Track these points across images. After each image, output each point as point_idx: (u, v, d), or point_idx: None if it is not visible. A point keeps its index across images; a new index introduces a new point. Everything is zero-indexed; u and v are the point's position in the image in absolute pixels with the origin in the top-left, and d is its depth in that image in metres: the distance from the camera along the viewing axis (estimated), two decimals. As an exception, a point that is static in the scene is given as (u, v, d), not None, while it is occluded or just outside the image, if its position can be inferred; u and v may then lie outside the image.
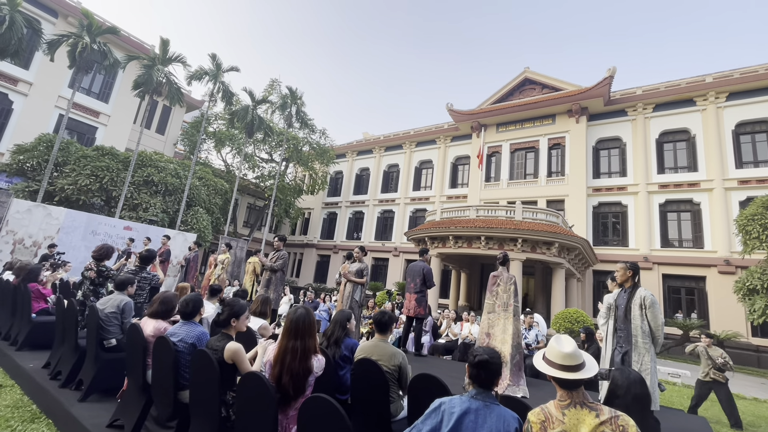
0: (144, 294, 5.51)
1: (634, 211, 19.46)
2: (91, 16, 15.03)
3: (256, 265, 8.88)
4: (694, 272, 17.43)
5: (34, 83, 18.43)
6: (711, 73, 19.17)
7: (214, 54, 19.18)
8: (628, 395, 2.10)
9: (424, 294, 6.52)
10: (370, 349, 3.10)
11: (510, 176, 23.27)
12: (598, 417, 1.63)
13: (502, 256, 5.32)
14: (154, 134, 25.52)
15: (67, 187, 14.98)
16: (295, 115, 24.71)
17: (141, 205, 16.70)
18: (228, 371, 2.56)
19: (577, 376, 1.71)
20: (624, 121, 20.92)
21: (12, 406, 3.74)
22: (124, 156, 17.16)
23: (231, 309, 2.87)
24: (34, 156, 15.32)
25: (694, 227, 18.14)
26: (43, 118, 18.60)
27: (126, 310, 4.04)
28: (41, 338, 5.22)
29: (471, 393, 1.87)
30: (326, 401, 1.87)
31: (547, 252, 14.22)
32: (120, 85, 21.39)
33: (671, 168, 19.46)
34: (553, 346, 1.81)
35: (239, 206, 30.52)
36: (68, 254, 10.50)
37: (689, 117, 19.31)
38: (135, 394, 3.21)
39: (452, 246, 15.46)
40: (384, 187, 30.03)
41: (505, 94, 24.73)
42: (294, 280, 30.34)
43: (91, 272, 5.07)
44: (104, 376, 3.74)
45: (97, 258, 5.23)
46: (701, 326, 15.40)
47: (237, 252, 17.28)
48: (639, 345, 4.10)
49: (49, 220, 11.12)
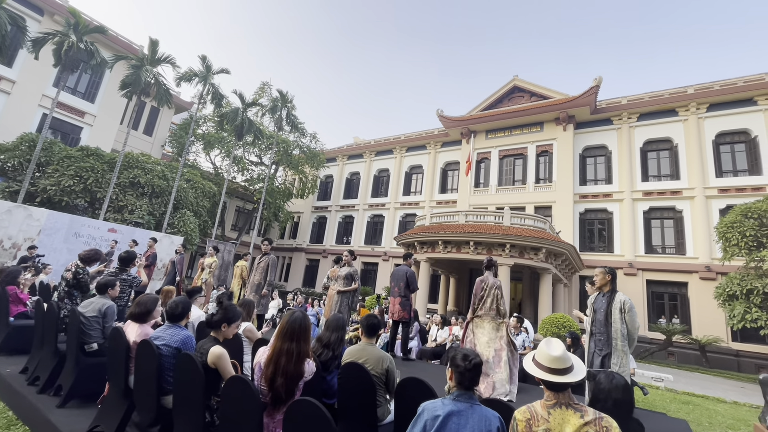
0: (125, 297, 5.38)
1: (619, 218, 19.84)
2: (78, 15, 14.80)
3: (244, 269, 8.77)
4: (676, 278, 17.82)
5: (17, 81, 18.00)
6: (692, 85, 19.76)
7: (204, 56, 19.04)
8: (608, 400, 2.13)
9: (408, 298, 6.52)
10: (358, 352, 3.09)
11: (499, 182, 23.53)
12: (583, 418, 1.67)
13: (487, 261, 5.37)
14: (142, 135, 25.12)
15: (50, 187, 14.62)
16: (286, 119, 24.61)
17: (127, 207, 16.39)
18: (212, 375, 2.52)
19: (565, 380, 1.75)
20: (610, 129, 21.38)
21: (-14, 413, 3.62)
22: (109, 157, 16.83)
23: (225, 314, 2.84)
24: (16, 156, 14.92)
25: (677, 234, 18.57)
26: (25, 117, 18.15)
27: (108, 314, 3.94)
28: (19, 342, 5.08)
29: (453, 395, 1.89)
30: (312, 405, 1.86)
31: (534, 257, 14.38)
32: (107, 85, 21.03)
33: (655, 176, 19.92)
34: (543, 349, 1.84)
35: (227, 209, 30.17)
36: (49, 256, 10.24)
37: (672, 127, 19.84)
38: (116, 399, 3.15)
39: (441, 251, 15.52)
40: (374, 191, 30.05)
41: (495, 101, 25.06)
42: (282, 285, 30.03)
43: (68, 273, 4.88)
44: (84, 381, 3.65)
45: (84, 260, 5.02)
46: (683, 331, 15.75)
47: (225, 255, 17.04)
48: (618, 348, 4.20)
49: (29, 222, 10.82)
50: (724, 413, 7.12)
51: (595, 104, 21.07)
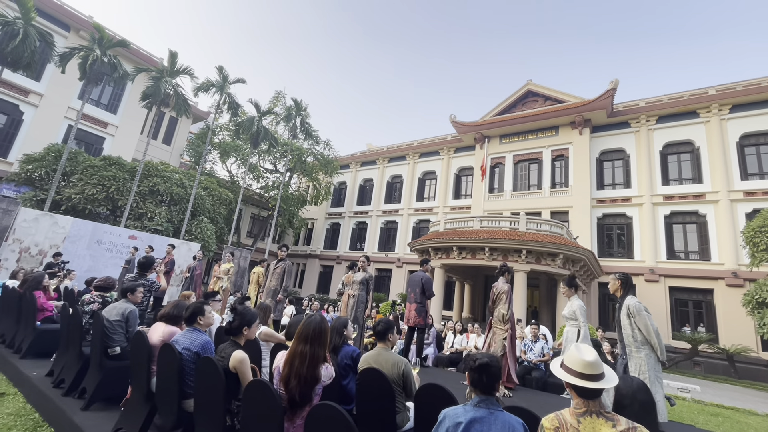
0: (145, 302, 5.49)
1: (639, 223, 19.34)
2: (102, 30, 15.38)
3: (260, 274, 8.87)
4: (701, 285, 17.21)
5: (45, 95, 18.77)
6: (714, 86, 19.24)
7: (221, 66, 19.50)
8: (635, 403, 2.05)
9: (424, 304, 6.48)
10: (373, 358, 3.07)
11: (514, 187, 23.26)
12: (615, 427, 1.61)
13: (500, 267, 5.33)
14: (161, 145, 25.82)
15: (74, 196, 15.12)
16: (300, 126, 24.96)
17: (146, 214, 16.81)
18: (233, 379, 2.54)
19: (598, 386, 1.70)
20: (627, 132, 20.95)
21: (14, 415, 3.72)
22: (130, 166, 17.34)
23: (243, 318, 2.89)
24: (43, 166, 15.52)
25: (701, 239, 17.98)
26: (52, 128, 18.88)
27: (131, 318, 4.03)
28: (45, 346, 5.22)
29: (474, 401, 1.85)
30: (334, 409, 1.85)
31: (551, 263, 14.11)
32: (128, 97, 21.74)
33: (676, 180, 19.39)
34: (575, 354, 1.79)
35: (243, 216, 30.62)
36: (73, 263, 10.57)
37: (693, 129, 19.31)
38: (139, 402, 3.19)
39: (456, 257, 15.38)
40: (387, 197, 30.08)
41: (508, 106, 24.90)
42: (297, 291, 30.21)
43: (95, 305, 4.58)
44: (108, 384, 3.72)
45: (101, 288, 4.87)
46: (709, 340, 15.15)
47: (240, 262, 17.27)
48: (633, 355, 4.14)
49: (55, 229, 11.21)
50: (757, 426, 6.79)
51: (611, 107, 20.71)
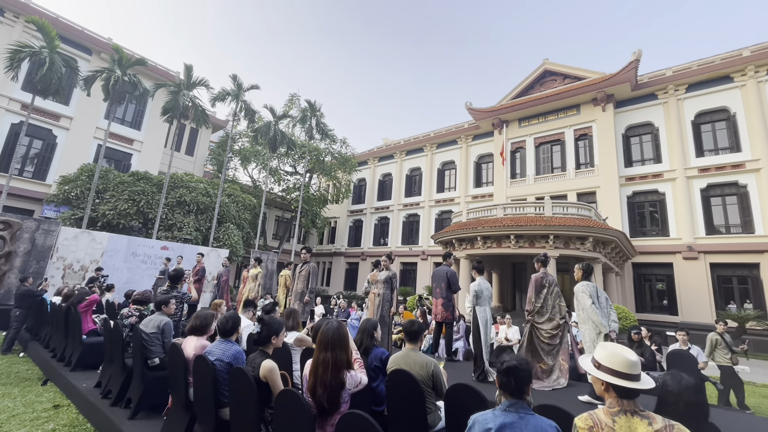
0: (179, 313, 5.70)
1: (672, 199, 18.44)
2: (121, 51, 15.96)
3: (288, 278, 9.03)
4: (745, 259, 16.27)
5: (74, 117, 19.70)
6: (748, 47, 17.97)
7: (235, 75, 19.88)
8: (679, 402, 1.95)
9: (450, 299, 6.43)
10: (402, 359, 3.07)
11: (536, 171, 22.65)
12: (651, 425, 1.55)
13: (544, 257, 5.23)
14: (184, 156, 26.64)
15: (108, 212, 15.88)
16: (315, 127, 25.18)
17: (176, 225, 17.45)
18: (264, 388, 2.60)
19: (639, 386, 1.64)
20: (654, 105, 19.94)
21: (69, 425, 3.96)
22: (157, 179, 18.02)
23: (270, 328, 2.94)
24: (78, 185, 16.38)
25: (742, 211, 16.96)
26: (83, 149, 19.83)
27: (166, 330, 4.20)
28: (92, 358, 5.52)
29: (504, 405, 1.81)
30: (363, 418, 1.86)
31: (581, 247, 13.69)
32: (150, 112, 22.52)
33: (711, 150, 18.33)
34: (617, 352, 1.70)
35: (267, 219, 31.28)
36: (112, 276, 11.11)
37: (727, 95, 18.15)
38: (179, 411, 3.32)
39: (481, 246, 15.17)
40: (407, 191, 29.97)
41: (525, 87, 24.18)
42: (324, 289, 30.70)
43: (133, 318, 4.81)
44: (150, 394, 3.90)
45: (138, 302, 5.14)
46: (758, 317, 14.33)
47: (268, 265, 17.66)
48: (581, 329, 4.50)
49: (93, 245, 11.81)
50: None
51: (635, 80, 19.73)
